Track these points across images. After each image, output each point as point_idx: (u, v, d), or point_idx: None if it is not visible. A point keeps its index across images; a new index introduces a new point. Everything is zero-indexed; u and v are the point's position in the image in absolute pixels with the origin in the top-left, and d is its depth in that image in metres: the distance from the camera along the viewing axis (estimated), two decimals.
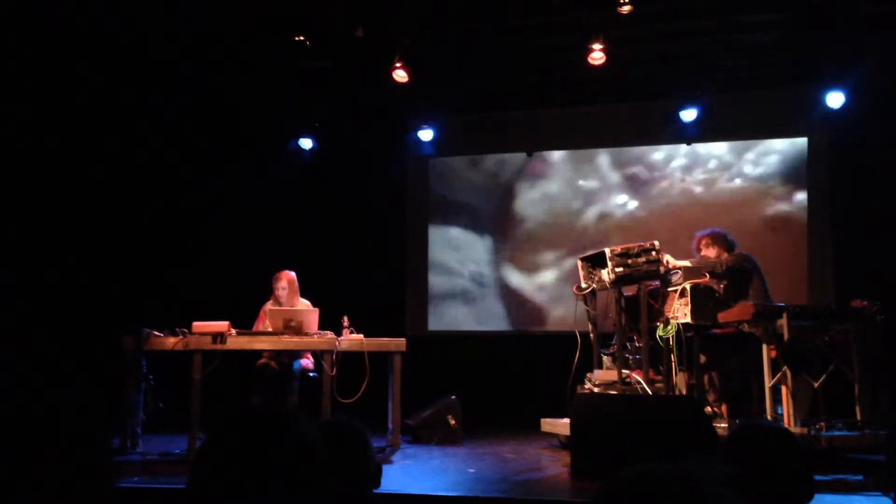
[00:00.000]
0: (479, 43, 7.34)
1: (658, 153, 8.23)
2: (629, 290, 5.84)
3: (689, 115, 7.72)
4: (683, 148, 8.10)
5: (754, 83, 7.73)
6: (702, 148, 8.08)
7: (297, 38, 6.94)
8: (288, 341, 5.65)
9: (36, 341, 6.64)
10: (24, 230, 7.06)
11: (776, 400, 5.07)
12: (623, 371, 5.67)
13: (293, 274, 6.35)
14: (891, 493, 1.67)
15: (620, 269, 5.58)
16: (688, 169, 8.14)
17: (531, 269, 8.48)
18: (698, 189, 8.09)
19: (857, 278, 6.74)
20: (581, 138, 8.43)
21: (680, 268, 5.68)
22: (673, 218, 8.09)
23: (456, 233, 8.71)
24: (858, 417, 5.05)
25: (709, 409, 5.52)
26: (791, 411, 4.89)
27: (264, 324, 6.13)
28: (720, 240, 6.06)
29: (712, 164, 8.08)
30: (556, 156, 8.57)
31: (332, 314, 5.89)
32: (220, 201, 8.17)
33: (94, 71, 7.13)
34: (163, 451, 5.53)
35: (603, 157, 8.42)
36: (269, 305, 6.26)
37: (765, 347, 5.13)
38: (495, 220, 8.63)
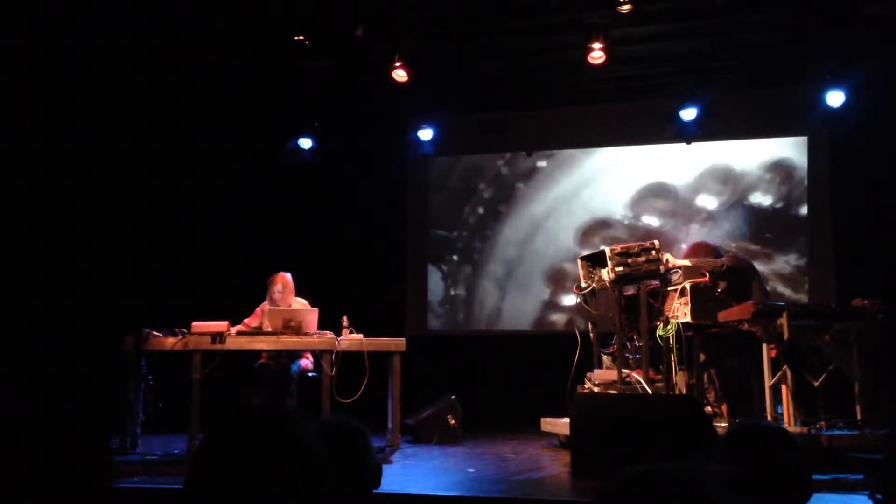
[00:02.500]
0: (479, 42, 7.34)
1: (658, 152, 8.21)
2: (629, 290, 5.84)
3: (689, 114, 7.71)
4: (683, 147, 8.09)
5: (754, 82, 7.73)
6: (702, 147, 8.07)
7: (296, 38, 6.94)
8: (287, 341, 5.65)
9: (35, 342, 6.64)
10: (22, 230, 7.06)
11: (776, 399, 5.07)
12: (623, 370, 5.67)
13: (289, 276, 6.35)
14: (877, 496, 1.66)
15: (620, 269, 5.58)
16: (687, 168, 8.13)
17: (532, 267, 8.47)
18: (697, 188, 8.08)
19: (857, 277, 6.73)
20: (580, 138, 8.42)
21: (680, 267, 5.68)
22: (672, 217, 8.10)
23: (456, 232, 8.70)
24: (859, 416, 5.05)
25: (709, 408, 5.52)
26: (791, 410, 4.89)
27: (259, 320, 6.12)
28: (702, 250, 6.05)
29: (712, 163, 8.07)
30: (556, 155, 8.56)
31: (331, 314, 5.88)
32: (219, 200, 8.16)
33: (92, 70, 7.13)
34: (163, 452, 5.53)
35: (602, 156, 8.40)
36: (265, 306, 6.26)
37: (765, 347, 5.13)
38: (495, 218, 8.63)
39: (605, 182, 8.35)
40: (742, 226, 7.91)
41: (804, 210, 7.81)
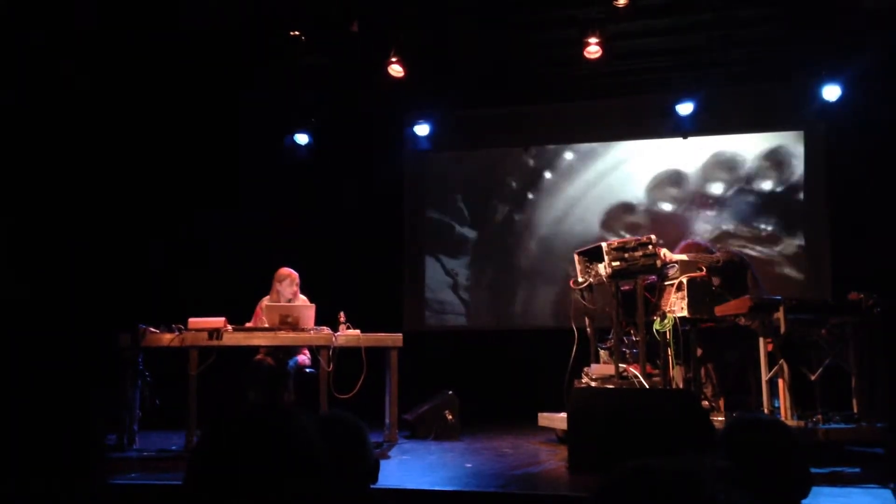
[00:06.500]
0: (475, 38, 7.32)
1: (654, 147, 8.21)
2: (626, 285, 5.83)
3: (685, 108, 7.69)
4: (679, 142, 8.08)
5: (750, 76, 7.72)
6: (698, 142, 8.06)
7: (292, 34, 6.92)
8: (284, 337, 5.64)
9: (31, 338, 6.62)
10: (21, 227, 7.04)
11: (773, 393, 5.08)
12: (620, 365, 5.67)
13: (295, 272, 6.32)
14: (890, 484, 1.67)
15: (617, 263, 5.57)
16: (684, 162, 8.12)
17: (529, 263, 8.47)
18: (694, 183, 8.08)
19: (853, 271, 6.74)
20: (577, 133, 8.41)
21: (677, 262, 5.68)
22: (670, 211, 8.10)
23: (453, 227, 8.69)
24: (855, 410, 5.07)
25: (706, 402, 5.53)
26: (788, 404, 4.90)
27: (261, 320, 6.10)
28: (693, 249, 6.04)
29: (708, 157, 8.07)
30: (554, 150, 8.56)
31: (328, 310, 5.88)
32: (216, 197, 8.14)
33: (91, 67, 7.10)
34: (160, 448, 5.52)
35: (600, 152, 8.40)
36: (265, 302, 6.24)
37: (762, 341, 5.14)
38: (493, 214, 8.62)
39: (603, 181, 8.35)
40: (740, 219, 7.91)
41: (800, 203, 7.82)
